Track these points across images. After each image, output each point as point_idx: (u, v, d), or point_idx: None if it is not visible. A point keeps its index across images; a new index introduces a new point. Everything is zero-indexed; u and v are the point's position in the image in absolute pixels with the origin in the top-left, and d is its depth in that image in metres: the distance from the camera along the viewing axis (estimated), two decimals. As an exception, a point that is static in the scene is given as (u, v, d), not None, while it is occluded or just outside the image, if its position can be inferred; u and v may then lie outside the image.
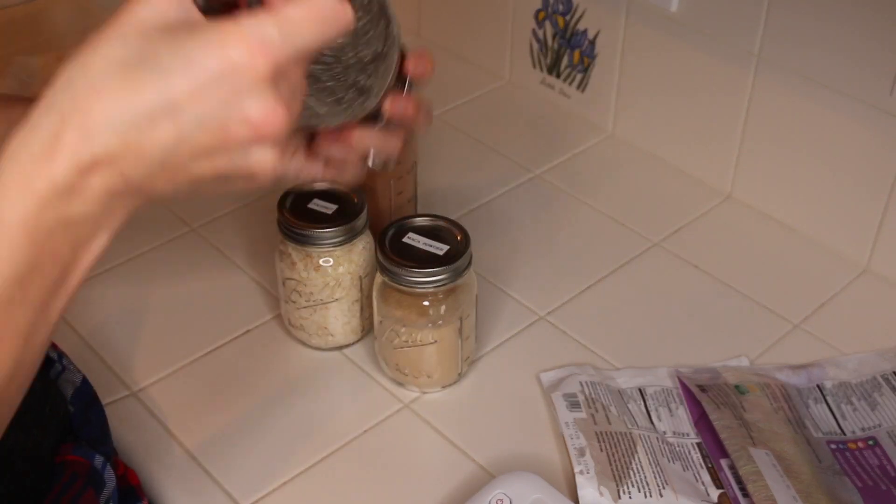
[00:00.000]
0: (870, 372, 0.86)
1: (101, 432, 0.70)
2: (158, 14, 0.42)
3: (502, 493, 0.71)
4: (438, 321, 0.80)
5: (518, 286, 0.95)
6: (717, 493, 0.76)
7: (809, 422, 0.81)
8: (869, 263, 0.97)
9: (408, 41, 0.63)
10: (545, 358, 0.87)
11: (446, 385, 0.85)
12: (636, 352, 0.88)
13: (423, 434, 0.81)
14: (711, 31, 0.99)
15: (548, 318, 0.92)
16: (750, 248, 1.00)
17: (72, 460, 0.63)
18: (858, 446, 0.80)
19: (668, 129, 1.09)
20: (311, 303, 0.84)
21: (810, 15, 0.90)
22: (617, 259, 0.98)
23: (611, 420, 0.80)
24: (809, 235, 1.00)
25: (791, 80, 0.94)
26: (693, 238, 1.01)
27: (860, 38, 0.88)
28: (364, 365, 0.87)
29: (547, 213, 1.04)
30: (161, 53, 0.41)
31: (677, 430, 0.80)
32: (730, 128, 1.02)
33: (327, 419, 0.82)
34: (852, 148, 0.93)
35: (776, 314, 0.92)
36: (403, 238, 0.81)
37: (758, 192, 1.03)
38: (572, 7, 1.11)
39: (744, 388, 0.83)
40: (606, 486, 0.74)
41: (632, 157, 1.12)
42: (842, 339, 0.89)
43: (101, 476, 0.64)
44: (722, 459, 0.78)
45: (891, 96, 0.88)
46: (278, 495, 0.76)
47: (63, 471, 0.61)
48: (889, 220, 0.93)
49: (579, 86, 1.15)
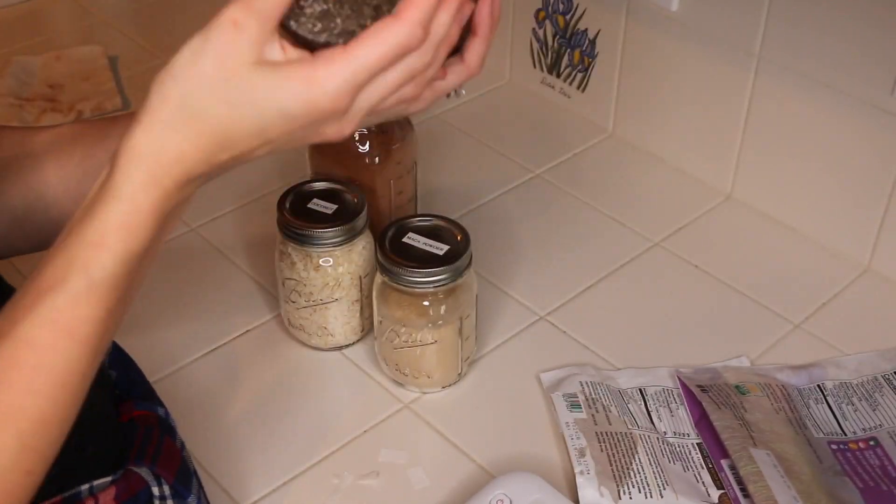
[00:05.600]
0: (871, 372, 0.86)
1: (148, 388, 0.72)
2: (254, 52, 0.50)
3: (502, 493, 0.70)
4: (438, 321, 0.80)
5: (518, 286, 0.95)
6: (718, 494, 0.75)
7: (810, 422, 0.81)
8: (870, 263, 0.97)
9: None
10: (545, 358, 0.87)
11: (446, 385, 0.85)
12: (636, 352, 0.88)
13: (423, 434, 0.81)
14: (712, 31, 0.99)
15: (548, 318, 0.92)
16: (750, 248, 1.00)
17: (139, 415, 0.67)
18: (859, 446, 0.80)
19: (668, 129, 1.09)
20: (311, 303, 0.84)
21: (811, 15, 0.90)
22: (617, 259, 0.98)
23: (611, 420, 0.79)
24: (810, 235, 1.00)
25: (792, 80, 0.94)
26: (693, 238, 1.01)
27: (861, 37, 0.88)
28: (364, 365, 0.87)
29: (547, 213, 1.04)
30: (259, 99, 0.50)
31: (678, 431, 0.80)
32: (730, 128, 1.02)
33: (327, 419, 0.82)
34: (853, 148, 0.93)
35: (776, 314, 0.92)
36: (403, 238, 0.81)
37: (758, 192, 1.03)
38: (572, 7, 1.11)
39: (744, 388, 0.83)
40: (607, 487, 0.74)
41: (632, 157, 1.12)
42: (842, 339, 0.89)
43: (169, 424, 0.69)
44: (722, 460, 0.78)
45: (891, 96, 0.88)
46: (278, 495, 0.76)
47: (137, 426, 0.66)
48: (890, 220, 0.93)
49: (579, 86, 1.15)
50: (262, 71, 0.50)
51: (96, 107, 1.18)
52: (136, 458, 0.64)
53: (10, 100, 1.18)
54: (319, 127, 0.52)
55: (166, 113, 0.51)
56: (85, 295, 0.50)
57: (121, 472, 0.63)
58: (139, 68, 1.25)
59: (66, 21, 1.37)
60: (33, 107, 1.17)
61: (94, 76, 1.22)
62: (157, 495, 0.63)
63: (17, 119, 1.15)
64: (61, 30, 1.35)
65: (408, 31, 0.51)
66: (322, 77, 0.50)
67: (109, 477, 0.62)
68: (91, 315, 0.51)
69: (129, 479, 0.62)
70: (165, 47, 1.28)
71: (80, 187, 0.67)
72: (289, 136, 0.52)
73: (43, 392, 0.50)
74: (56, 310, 0.50)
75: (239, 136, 0.52)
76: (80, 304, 0.50)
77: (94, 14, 1.37)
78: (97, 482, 0.61)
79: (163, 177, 0.51)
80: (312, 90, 0.50)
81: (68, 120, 1.16)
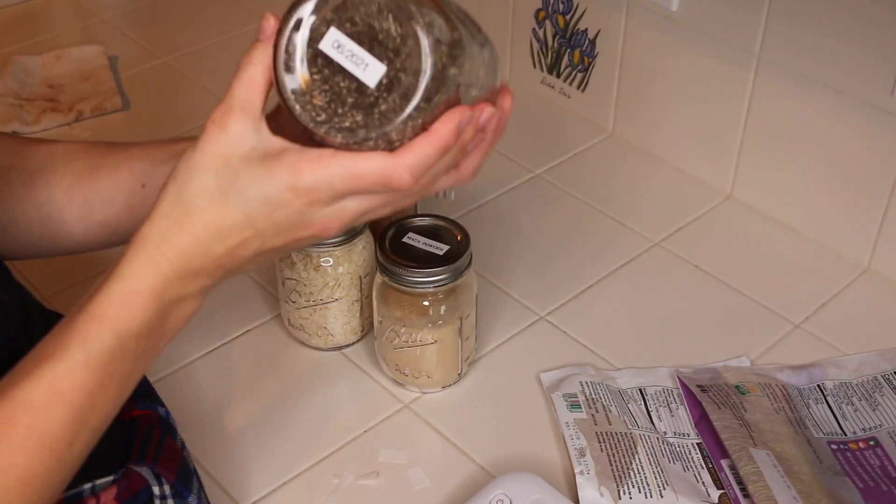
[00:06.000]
0: (871, 372, 0.86)
1: (149, 388, 0.73)
2: (238, 145, 0.55)
3: (502, 493, 0.70)
4: (438, 321, 0.80)
5: (518, 286, 0.95)
6: (718, 494, 0.75)
7: (810, 422, 0.81)
8: (870, 263, 0.97)
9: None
10: (545, 358, 0.87)
11: (446, 385, 0.85)
12: (636, 352, 0.88)
13: (423, 434, 0.81)
14: (712, 31, 0.99)
15: (548, 318, 0.92)
16: (750, 248, 1.00)
17: (141, 414, 0.68)
18: (859, 446, 0.80)
19: (668, 128, 1.09)
20: (311, 303, 0.84)
21: (811, 15, 0.90)
22: (617, 259, 0.98)
23: (611, 420, 0.79)
24: (810, 235, 1.00)
25: (791, 79, 0.94)
26: (693, 238, 1.01)
27: (861, 37, 0.88)
28: (364, 365, 0.87)
29: (547, 213, 1.04)
30: (244, 188, 0.55)
31: (678, 431, 0.80)
32: (730, 128, 1.02)
33: (327, 419, 0.82)
34: (853, 147, 0.93)
35: (777, 314, 0.92)
36: (403, 238, 0.81)
37: (758, 192, 1.03)
38: (572, 7, 1.11)
39: (744, 388, 0.83)
40: (607, 487, 0.74)
41: (632, 157, 1.12)
42: (842, 339, 0.89)
43: (170, 423, 0.70)
44: (722, 460, 0.78)
45: (891, 96, 0.88)
46: (278, 495, 0.76)
47: (138, 425, 0.67)
48: (890, 220, 0.93)
49: (579, 86, 1.15)
50: (248, 162, 0.55)
51: (96, 107, 1.18)
52: (136, 457, 0.64)
53: (10, 99, 1.18)
54: (304, 219, 0.56)
55: (166, 207, 0.56)
56: (82, 364, 0.54)
57: (122, 471, 0.63)
58: (139, 68, 1.25)
59: (66, 21, 1.37)
60: (33, 106, 1.17)
61: (95, 76, 1.22)
62: (157, 494, 0.63)
63: (17, 119, 1.15)
64: (61, 30, 1.35)
65: (397, 176, 0.54)
66: (306, 170, 0.54)
67: (111, 476, 0.62)
68: (85, 383, 0.54)
69: (130, 478, 0.63)
70: (165, 47, 1.28)
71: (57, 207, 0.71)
72: (275, 226, 0.56)
73: (33, 452, 0.52)
74: (55, 376, 0.53)
75: (229, 227, 0.56)
76: (77, 372, 0.54)
77: (95, 14, 1.37)
78: (99, 481, 0.61)
79: (162, 263, 0.56)
80: (294, 178, 0.54)
81: (68, 120, 1.16)
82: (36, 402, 0.52)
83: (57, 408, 0.53)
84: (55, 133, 1.15)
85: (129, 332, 0.55)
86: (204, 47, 1.28)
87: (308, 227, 0.57)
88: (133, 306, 0.55)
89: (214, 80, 1.21)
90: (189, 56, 1.26)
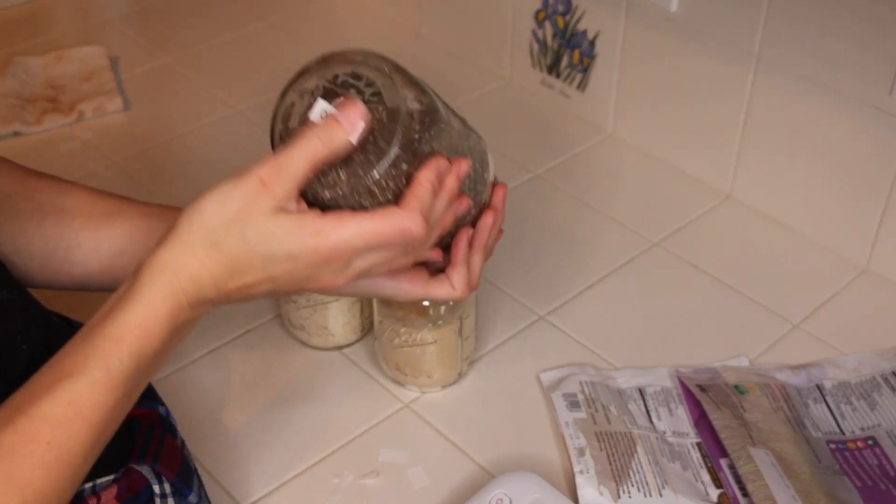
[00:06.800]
0: (869, 372, 0.86)
1: (149, 387, 0.73)
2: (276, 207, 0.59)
3: (502, 493, 0.71)
4: (438, 321, 0.80)
5: (518, 286, 0.95)
6: (717, 493, 0.76)
7: (809, 421, 0.81)
8: (868, 263, 0.97)
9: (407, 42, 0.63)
10: (545, 358, 0.87)
11: (446, 385, 0.85)
12: (636, 352, 0.88)
13: (423, 434, 0.81)
14: (711, 32, 0.99)
15: (548, 318, 0.92)
16: (750, 248, 1.00)
17: (141, 413, 0.69)
18: (858, 446, 0.80)
19: (668, 129, 1.09)
20: (311, 303, 0.85)
21: (810, 15, 0.90)
22: (617, 259, 0.98)
23: (611, 420, 0.80)
24: (809, 235, 1.00)
25: (791, 80, 0.95)
26: (693, 238, 1.01)
27: (860, 37, 0.88)
28: (364, 365, 0.87)
29: (547, 212, 1.04)
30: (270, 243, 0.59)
31: (677, 430, 0.81)
32: (729, 128, 1.02)
33: (327, 419, 0.82)
34: (852, 148, 0.93)
35: (776, 314, 0.92)
36: (403, 238, 0.81)
37: (758, 193, 1.03)
38: (572, 7, 1.11)
39: (743, 387, 0.83)
40: (606, 486, 0.74)
41: (632, 157, 1.12)
42: (841, 339, 0.90)
43: (170, 422, 0.71)
44: (721, 459, 0.78)
45: (891, 96, 0.88)
46: (278, 495, 0.76)
47: (139, 424, 0.68)
48: (889, 220, 0.93)
49: (579, 86, 1.15)
50: (279, 219, 0.59)
51: (97, 107, 1.18)
52: (137, 456, 0.65)
53: (11, 100, 1.18)
54: (317, 273, 0.61)
55: (190, 238, 0.59)
56: (102, 383, 0.56)
57: (122, 470, 0.63)
58: (140, 69, 1.25)
59: (67, 21, 1.37)
60: (34, 107, 1.18)
61: (96, 76, 1.23)
62: (158, 493, 0.64)
63: (19, 119, 1.15)
64: (62, 30, 1.35)
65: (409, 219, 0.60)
66: (329, 230, 0.59)
67: (111, 475, 0.62)
68: (103, 402, 0.56)
69: (131, 477, 0.63)
70: (166, 48, 1.28)
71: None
72: (290, 276, 0.60)
73: (52, 468, 0.54)
74: (75, 393, 0.55)
75: (247, 269, 0.60)
76: (97, 391, 0.56)
77: (96, 14, 1.38)
78: (100, 480, 0.62)
79: (178, 291, 0.59)
80: (318, 240, 0.59)
81: (69, 120, 1.16)
82: (56, 418, 0.54)
83: (76, 425, 0.55)
84: (56, 133, 1.15)
85: (146, 355, 0.58)
86: (204, 48, 1.28)
87: (317, 281, 0.62)
88: (151, 331, 0.58)
89: (215, 81, 1.21)
90: (190, 56, 1.27)
